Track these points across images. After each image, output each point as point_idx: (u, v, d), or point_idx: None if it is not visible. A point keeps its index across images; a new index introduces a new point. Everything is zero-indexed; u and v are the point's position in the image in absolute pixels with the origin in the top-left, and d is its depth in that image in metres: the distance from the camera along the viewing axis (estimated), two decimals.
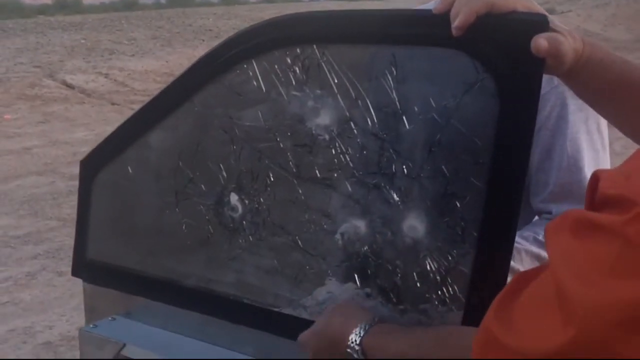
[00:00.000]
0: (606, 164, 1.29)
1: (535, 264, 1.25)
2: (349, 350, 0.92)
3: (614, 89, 0.96)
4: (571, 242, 0.58)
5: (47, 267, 4.20)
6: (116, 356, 1.23)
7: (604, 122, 1.28)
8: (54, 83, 10.00)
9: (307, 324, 1.10)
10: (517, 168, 0.96)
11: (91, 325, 1.28)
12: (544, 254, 1.26)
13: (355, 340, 0.92)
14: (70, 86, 10.01)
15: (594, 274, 0.55)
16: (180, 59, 10.90)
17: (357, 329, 0.93)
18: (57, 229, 4.79)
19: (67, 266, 4.16)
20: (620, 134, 1.03)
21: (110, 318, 1.30)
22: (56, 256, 4.33)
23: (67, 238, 4.52)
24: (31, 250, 4.47)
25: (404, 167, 1.03)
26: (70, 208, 5.14)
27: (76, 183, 1.38)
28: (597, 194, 0.61)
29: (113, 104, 9.10)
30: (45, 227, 4.86)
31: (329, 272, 1.09)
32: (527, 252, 1.25)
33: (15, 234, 4.75)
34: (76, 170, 1.38)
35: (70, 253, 1.39)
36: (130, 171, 1.30)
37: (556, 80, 1.06)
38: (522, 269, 1.15)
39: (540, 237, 1.26)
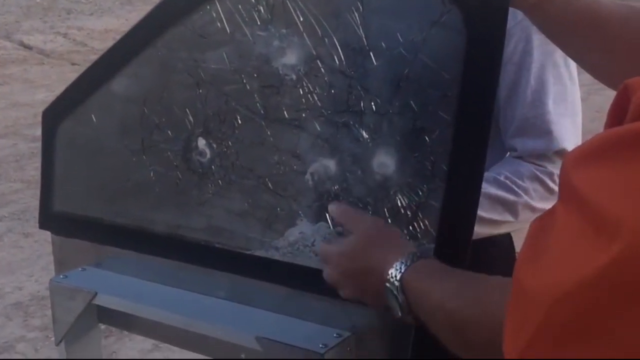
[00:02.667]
0: (575, 96, 1.29)
1: (495, 207, 1.24)
2: (387, 285, 0.86)
3: (577, 24, 0.96)
4: (606, 167, 0.52)
5: (13, 229, 4.15)
6: (88, 305, 1.22)
7: None
8: (11, 44, 9.74)
9: (279, 265, 1.11)
10: (484, 100, 0.96)
11: (61, 276, 1.27)
12: (503, 194, 1.24)
13: (395, 276, 0.86)
14: (28, 47, 9.76)
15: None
16: (140, 17, 10.68)
17: (398, 264, 0.87)
18: (22, 191, 4.72)
19: (33, 227, 4.12)
20: None
21: (80, 269, 1.29)
22: (22, 218, 4.27)
23: (32, 200, 4.45)
24: None
25: (373, 104, 1.02)
26: (34, 170, 5.06)
27: (39, 145, 1.35)
28: (633, 106, 0.54)
29: (73, 64, 8.91)
30: (9, 190, 4.79)
31: (300, 212, 1.09)
32: (484, 195, 1.17)
33: None
34: (39, 132, 1.35)
35: (36, 215, 1.37)
36: (94, 120, 1.28)
37: (520, 15, 1.05)
38: (481, 212, 1.12)
39: (502, 178, 1.25)
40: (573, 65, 1.28)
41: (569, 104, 1.27)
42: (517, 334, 0.54)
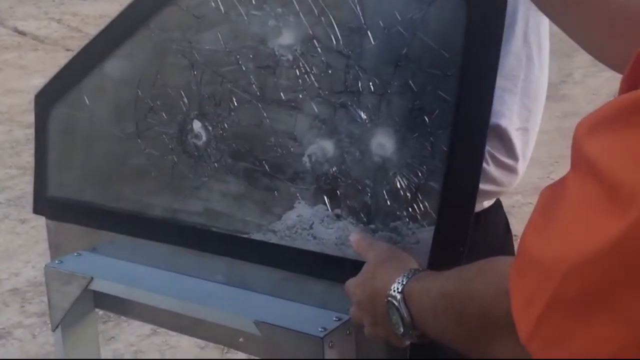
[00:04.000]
0: (537, 81, 1.23)
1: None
2: (389, 298, 0.86)
3: (577, 1, 0.94)
4: (620, 133, 0.49)
5: (9, 215, 4.13)
6: (84, 290, 1.21)
7: (545, 34, 1.24)
8: (5, 30, 9.67)
9: (277, 248, 1.09)
10: (485, 79, 0.94)
11: (56, 261, 1.25)
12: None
13: (397, 288, 0.86)
14: (22, 33, 9.69)
15: None
16: None
17: (400, 278, 0.87)
18: (18, 177, 4.69)
19: (29, 214, 4.08)
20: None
21: (75, 254, 1.28)
22: (18, 204, 4.25)
23: (28, 186, 4.42)
24: None
25: (371, 84, 1.00)
26: (29, 156, 5.03)
27: (34, 132, 1.33)
28: None
29: (67, 50, 8.83)
30: (5, 176, 4.76)
31: (298, 195, 1.08)
32: None
33: None
34: (34, 118, 1.33)
35: (32, 201, 1.35)
36: (88, 103, 1.26)
37: None
38: None
39: None
40: (545, 51, 1.25)
41: (522, 82, 1.22)
42: (528, 306, 0.52)
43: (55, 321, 1.25)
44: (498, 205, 1.36)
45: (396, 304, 0.86)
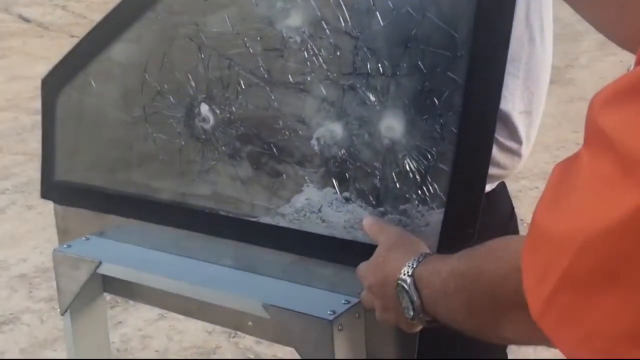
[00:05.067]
0: (540, 64, 1.22)
1: None
2: (399, 282, 0.86)
3: None
4: (635, 106, 0.48)
5: (16, 201, 4.14)
6: (92, 274, 1.21)
7: (547, 16, 1.22)
8: (10, 17, 9.66)
9: (286, 232, 1.09)
10: (496, 60, 0.93)
11: (65, 246, 1.25)
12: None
13: (407, 272, 0.86)
14: (26, 20, 9.69)
15: None
16: None
17: (410, 261, 0.87)
18: (24, 164, 4.70)
19: (36, 200, 4.10)
20: None
21: (84, 238, 1.28)
22: (25, 190, 4.26)
23: (34, 172, 4.43)
24: None
25: (380, 65, 0.99)
26: (36, 142, 5.03)
27: (40, 118, 1.32)
28: None
29: (72, 36, 8.83)
30: (12, 162, 4.77)
31: (306, 178, 1.07)
32: None
33: None
34: (39, 104, 1.33)
35: (39, 188, 1.35)
36: (95, 87, 1.25)
37: None
38: None
39: None
40: (549, 33, 1.24)
41: (525, 65, 1.21)
42: (540, 282, 0.51)
43: (64, 305, 1.25)
44: (503, 188, 1.35)
45: (406, 287, 0.85)
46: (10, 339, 2.85)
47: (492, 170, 1.20)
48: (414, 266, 0.86)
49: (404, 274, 0.86)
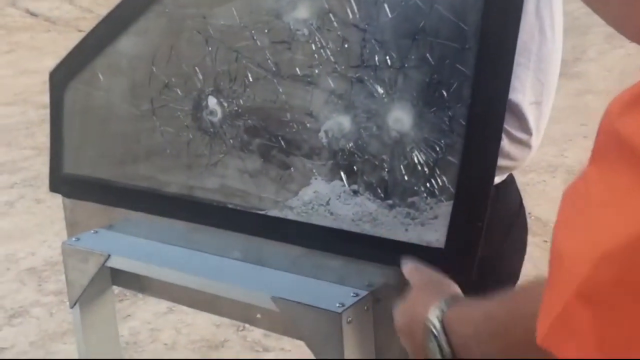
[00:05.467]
0: (550, 54, 1.22)
1: None
2: (428, 324, 0.82)
3: None
4: None
5: (25, 195, 4.16)
6: (101, 267, 1.21)
7: (558, 8, 1.22)
8: (17, 12, 9.69)
9: (294, 225, 1.09)
10: (505, 52, 0.92)
11: (73, 239, 1.25)
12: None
13: (437, 315, 0.82)
14: (34, 14, 9.71)
15: None
16: None
17: (439, 303, 0.83)
18: (32, 158, 4.72)
19: (45, 194, 4.13)
20: None
21: (92, 231, 1.28)
22: (33, 184, 4.27)
23: (42, 166, 4.44)
24: (7, 179, 4.41)
25: (388, 58, 0.99)
26: (44, 137, 5.05)
27: (48, 112, 1.32)
28: None
29: (80, 30, 8.84)
30: (20, 157, 4.79)
31: (314, 171, 1.07)
32: None
33: None
34: (47, 99, 1.33)
35: (47, 182, 1.35)
36: (102, 80, 1.25)
37: None
38: None
39: None
40: (559, 25, 1.23)
41: (535, 56, 1.21)
42: (553, 298, 0.49)
43: (73, 298, 1.25)
44: (511, 180, 1.35)
45: (435, 331, 0.81)
46: (20, 332, 2.87)
47: (501, 162, 1.20)
48: (444, 309, 0.82)
49: (433, 317, 0.82)
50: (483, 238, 0.94)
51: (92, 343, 1.28)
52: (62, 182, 1.33)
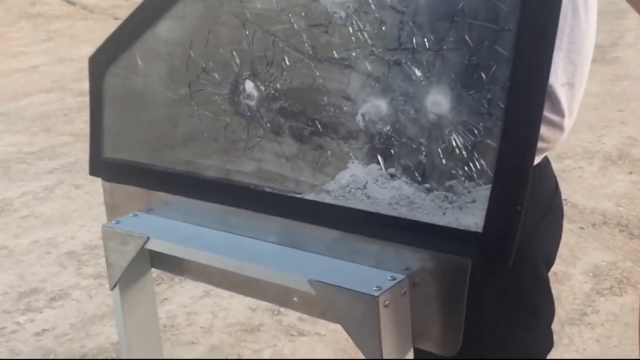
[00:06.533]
0: (584, 36, 1.19)
1: None
2: None
3: None
4: None
5: (64, 180, 4.23)
6: (140, 250, 1.23)
7: None
8: (56, 0, 9.81)
9: (331, 208, 1.09)
10: (545, 33, 0.91)
11: (113, 222, 1.27)
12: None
13: None
14: (71, 3, 9.83)
15: None
16: None
17: None
18: (71, 144, 4.80)
19: (83, 179, 4.19)
20: None
21: (131, 214, 1.30)
22: (72, 170, 4.35)
23: (81, 152, 4.52)
24: (47, 165, 4.49)
25: (426, 40, 0.98)
26: (82, 123, 5.13)
27: (86, 99, 1.34)
28: None
29: (116, 18, 8.94)
30: (59, 143, 4.87)
31: (351, 154, 1.07)
32: None
33: (29, 150, 4.76)
34: (85, 86, 1.35)
35: (86, 167, 1.37)
36: (141, 65, 1.26)
37: None
38: None
39: None
40: (593, 5, 1.21)
41: (568, 37, 1.18)
42: None
43: (113, 280, 1.27)
44: (547, 162, 1.34)
45: None
46: (60, 314, 2.93)
47: None
48: None
49: None
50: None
51: (131, 324, 1.30)
52: (101, 166, 1.35)
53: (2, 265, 3.32)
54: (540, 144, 1.19)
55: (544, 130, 1.19)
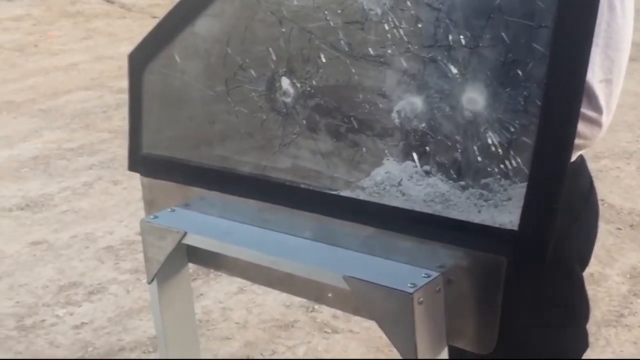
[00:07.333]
0: (621, 31, 1.18)
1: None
2: None
3: None
4: None
5: (102, 176, 4.29)
6: (178, 244, 1.24)
7: None
8: None
9: (366, 205, 1.09)
10: (582, 30, 0.90)
11: (151, 217, 1.29)
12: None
13: None
14: (110, 1, 9.96)
15: None
16: None
17: None
18: (109, 141, 4.87)
19: (122, 175, 4.26)
20: None
21: (169, 209, 1.32)
22: (111, 166, 4.41)
23: (119, 149, 4.59)
24: (86, 161, 4.56)
25: (462, 37, 0.98)
26: (120, 120, 5.21)
27: (125, 96, 1.36)
28: None
29: (154, 17, 9.04)
30: (98, 139, 4.94)
31: (386, 151, 1.07)
32: None
33: (69, 146, 4.84)
34: (123, 83, 1.37)
35: (124, 164, 1.39)
36: (179, 61, 1.28)
37: None
38: None
39: None
40: (630, 1, 1.19)
41: (604, 33, 1.17)
42: None
43: (151, 274, 1.29)
44: (582, 161, 1.33)
45: None
46: (98, 308, 2.98)
47: None
48: None
49: None
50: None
51: (168, 318, 1.32)
52: (140, 161, 1.37)
53: (42, 259, 3.39)
54: (577, 141, 1.18)
55: (581, 126, 1.18)
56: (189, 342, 1.38)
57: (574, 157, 1.26)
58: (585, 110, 1.18)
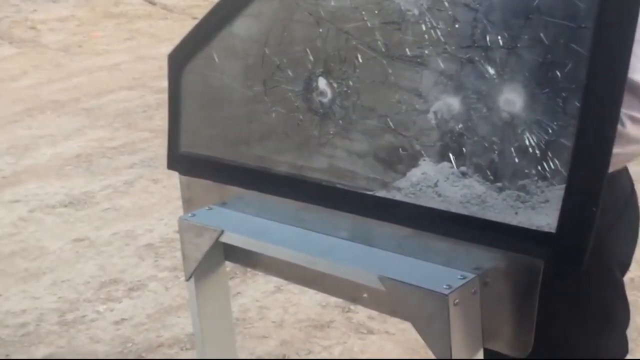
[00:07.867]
0: None
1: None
2: None
3: None
4: None
5: (143, 175, 4.35)
6: (215, 242, 1.26)
7: None
8: (137, 0, 10.10)
9: (402, 205, 1.09)
10: (623, 31, 0.89)
11: (189, 214, 1.31)
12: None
13: None
14: (152, 3, 10.10)
15: None
16: None
17: None
18: (150, 140, 4.93)
19: (162, 174, 4.31)
20: None
21: (207, 208, 1.33)
22: (151, 165, 4.47)
23: (159, 148, 4.65)
24: (127, 160, 4.64)
25: (499, 38, 0.98)
26: (160, 120, 5.27)
27: (165, 96, 1.38)
28: None
29: (194, 18, 9.13)
30: (139, 138, 5.01)
31: (423, 152, 1.07)
32: None
33: (111, 145, 4.93)
34: (164, 83, 1.39)
35: (164, 163, 1.41)
36: (217, 61, 1.30)
37: None
38: None
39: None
40: None
41: None
42: None
43: (189, 271, 1.31)
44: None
45: None
46: (138, 304, 3.02)
47: (627, 147, 1.15)
48: None
49: None
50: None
51: (205, 315, 1.34)
52: (179, 160, 1.39)
53: (84, 255, 3.45)
54: (633, 147, 1.16)
55: (635, 131, 1.15)
56: (226, 340, 1.39)
57: (628, 163, 1.24)
58: (637, 114, 1.15)
